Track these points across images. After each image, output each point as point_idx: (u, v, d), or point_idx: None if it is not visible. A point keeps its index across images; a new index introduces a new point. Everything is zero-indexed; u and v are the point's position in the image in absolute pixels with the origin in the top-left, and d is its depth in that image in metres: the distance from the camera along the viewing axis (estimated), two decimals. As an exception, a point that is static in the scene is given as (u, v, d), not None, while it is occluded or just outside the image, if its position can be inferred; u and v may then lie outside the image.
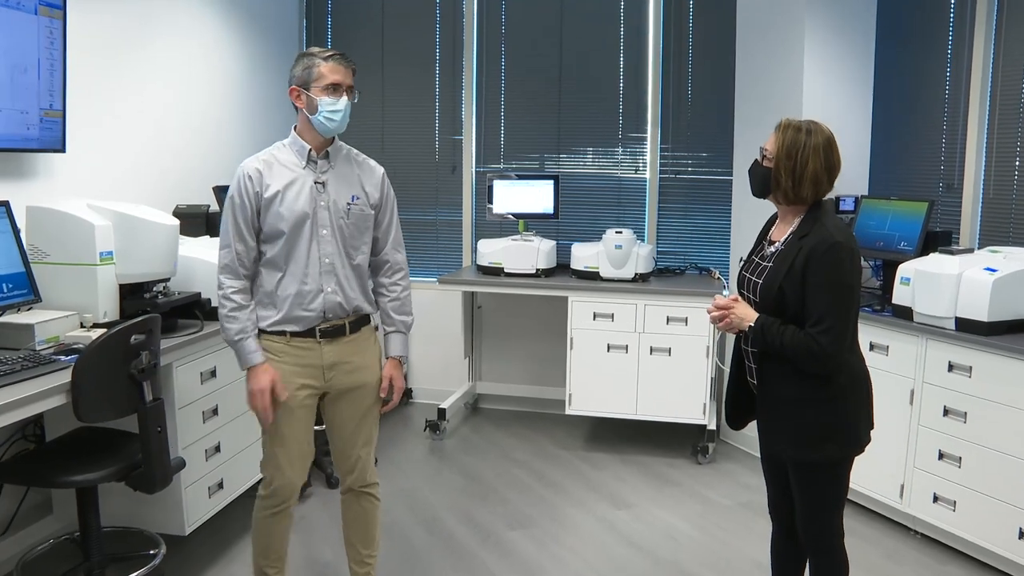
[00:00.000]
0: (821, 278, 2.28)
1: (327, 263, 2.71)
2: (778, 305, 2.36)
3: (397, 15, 5.68)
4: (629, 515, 4.01)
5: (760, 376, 2.47)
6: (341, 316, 2.76)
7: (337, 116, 2.68)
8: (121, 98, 3.99)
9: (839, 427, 2.39)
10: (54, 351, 2.82)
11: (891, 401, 3.69)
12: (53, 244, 3.11)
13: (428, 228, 5.78)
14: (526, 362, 5.65)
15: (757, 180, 2.47)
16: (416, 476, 4.47)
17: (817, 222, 2.36)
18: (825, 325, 2.27)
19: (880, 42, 4.55)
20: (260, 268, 2.71)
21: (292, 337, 2.71)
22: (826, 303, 2.28)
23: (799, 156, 2.35)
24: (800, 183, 2.36)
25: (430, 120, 5.71)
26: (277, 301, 2.70)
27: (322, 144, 2.75)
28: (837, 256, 2.28)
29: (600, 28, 5.39)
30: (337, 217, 2.73)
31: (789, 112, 2.49)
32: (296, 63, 2.71)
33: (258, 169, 2.67)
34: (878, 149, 4.61)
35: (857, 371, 2.43)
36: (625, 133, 5.43)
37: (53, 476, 2.72)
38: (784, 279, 2.34)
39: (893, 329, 3.72)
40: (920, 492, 3.64)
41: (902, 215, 4.01)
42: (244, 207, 2.65)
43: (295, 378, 2.72)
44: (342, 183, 2.76)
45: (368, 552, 2.98)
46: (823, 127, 2.41)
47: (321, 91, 2.66)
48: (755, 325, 2.38)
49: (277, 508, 2.80)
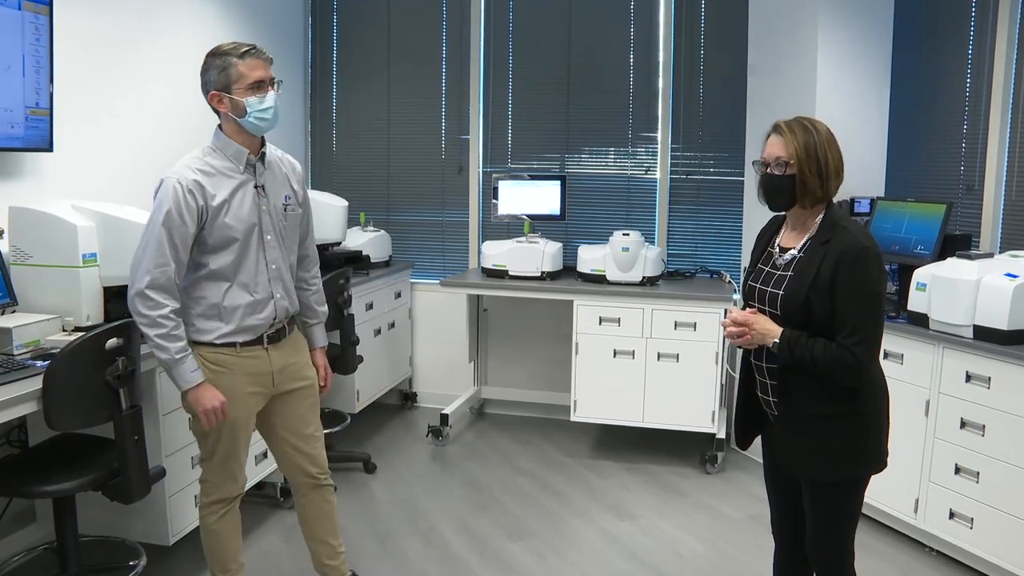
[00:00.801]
0: (853, 286, 2.17)
1: (274, 269, 2.68)
2: (803, 316, 2.24)
3: (403, 13, 5.57)
4: (633, 527, 3.87)
5: (781, 393, 2.33)
6: (282, 319, 2.75)
7: (268, 114, 2.58)
8: (119, 96, 3.91)
9: (868, 443, 2.29)
10: (31, 356, 2.74)
11: (906, 412, 3.53)
12: (35, 245, 3.03)
13: (434, 229, 5.68)
14: (533, 366, 5.53)
15: (779, 192, 2.29)
16: (416, 484, 4.36)
17: (838, 226, 2.25)
18: (860, 336, 2.16)
19: (898, 39, 4.38)
20: (201, 280, 2.60)
21: (242, 347, 2.66)
22: (860, 311, 2.18)
23: (818, 153, 2.23)
24: (828, 180, 2.25)
25: (436, 119, 5.60)
26: (224, 313, 2.61)
27: (256, 146, 2.65)
28: (867, 262, 2.18)
29: (610, 26, 5.26)
30: (277, 220, 2.68)
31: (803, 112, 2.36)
32: (208, 67, 2.58)
33: (197, 181, 2.52)
34: (895, 149, 4.44)
35: (880, 382, 2.33)
36: (635, 133, 5.29)
37: (25, 485, 2.63)
38: (810, 288, 2.21)
39: (908, 337, 3.56)
40: (935, 508, 3.48)
41: (919, 217, 3.85)
42: (183, 223, 2.49)
43: (246, 387, 2.69)
44: (276, 184, 2.71)
45: (338, 542, 3.01)
46: (818, 119, 2.31)
47: (245, 91, 2.55)
48: (781, 340, 2.23)
49: (224, 509, 2.78)
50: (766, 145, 2.33)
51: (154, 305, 2.48)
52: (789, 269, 2.30)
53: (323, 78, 5.73)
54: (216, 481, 2.75)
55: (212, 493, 2.76)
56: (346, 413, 4.75)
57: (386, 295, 5.23)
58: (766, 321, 2.29)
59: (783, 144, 2.26)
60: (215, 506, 2.76)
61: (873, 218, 4.09)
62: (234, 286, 2.60)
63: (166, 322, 2.49)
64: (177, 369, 2.52)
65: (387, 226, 5.54)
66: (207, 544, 2.81)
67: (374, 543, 3.68)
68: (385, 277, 5.22)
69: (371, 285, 5.00)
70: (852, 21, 4.25)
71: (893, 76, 4.41)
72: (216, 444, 2.69)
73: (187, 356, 2.53)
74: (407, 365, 5.62)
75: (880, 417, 2.32)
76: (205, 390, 2.56)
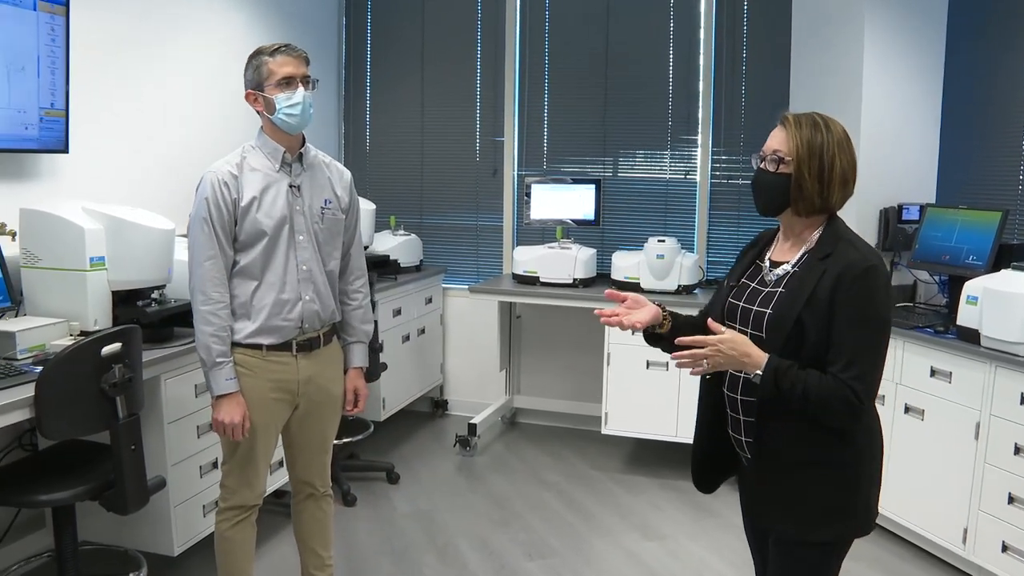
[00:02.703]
0: (855, 308, 1.84)
1: (304, 270, 2.62)
2: (791, 341, 1.89)
3: (438, 13, 5.47)
4: (660, 548, 3.69)
5: (759, 434, 1.97)
6: (316, 327, 2.67)
7: (297, 110, 2.56)
8: (138, 97, 3.86)
9: (857, 499, 1.94)
10: (33, 361, 2.68)
11: (954, 435, 3.30)
12: (44, 248, 2.98)
13: (468, 233, 5.56)
14: (565, 376, 5.37)
15: (770, 192, 1.98)
16: (438, 496, 4.24)
17: (841, 240, 1.93)
18: (858, 369, 1.82)
19: (951, 36, 4.13)
20: (232, 278, 2.58)
21: (268, 351, 2.59)
22: (861, 342, 1.84)
23: (824, 154, 1.91)
24: (829, 187, 1.91)
25: (471, 120, 5.49)
26: (252, 312, 2.57)
27: (294, 145, 2.64)
28: (874, 283, 1.86)
29: (649, 25, 5.08)
30: (312, 222, 2.64)
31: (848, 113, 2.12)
32: (246, 67, 2.60)
33: (232, 173, 2.54)
34: (947, 153, 4.18)
35: (875, 428, 1.99)
36: (674, 135, 5.10)
37: (24, 494, 2.57)
38: (804, 309, 1.88)
39: (957, 354, 3.32)
40: (986, 539, 3.23)
41: (972, 226, 3.60)
42: (222, 215, 2.51)
43: (268, 393, 2.62)
44: (315, 187, 2.67)
45: (328, 555, 2.94)
46: (834, 119, 1.99)
47: (274, 88, 2.55)
48: (766, 369, 1.85)
49: (240, 517, 2.70)
50: (768, 138, 2.03)
51: (205, 299, 2.50)
52: (780, 286, 1.97)
53: (357, 80, 5.66)
54: (233, 487, 2.69)
55: (228, 499, 2.70)
56: (369, 421, 4.65)
57: (416, 300, 5.12)
58: (745, 342, 1.90)
59: (784, 138, 1.95)
60: (229, 512, 2.70)
61: (922, 226, 3.85)
62: (262, 284, 2.57)
63: (214, 319, 2.50)
64: (215, 372, 2.51)
65: (420, 230, 5.45)
66: (218, 551, 2.74)
67: (388, 558, 3.57)
68: (415, 282, 5.12)
69: (400, 290, 4.90)
70: (901, 17, 4.02)
71: (945, 75, 4.16)
72: (235, 448, 2.63)
73: (228, 363, 2.53)
74: (438, 372, 5.51)
75: (873, 468, 1.98)
76: (231, 401, 2.53)
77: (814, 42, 4.33)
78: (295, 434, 2.77)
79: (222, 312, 2.52)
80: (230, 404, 2.53)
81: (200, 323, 2.51)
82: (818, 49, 4.30)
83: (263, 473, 2.71)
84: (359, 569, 3.47)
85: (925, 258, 3.82)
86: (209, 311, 2.50)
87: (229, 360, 2.53)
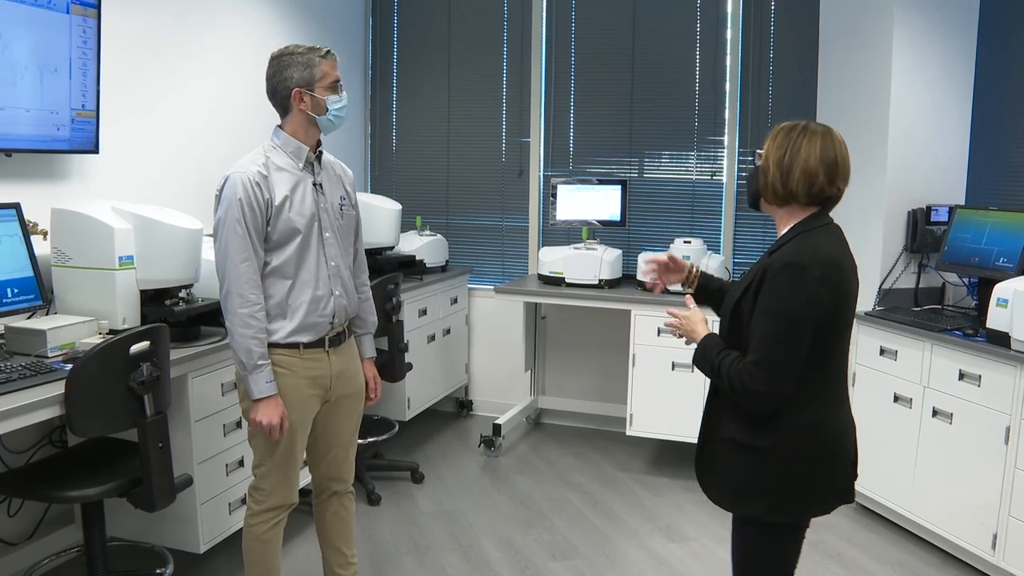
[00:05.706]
0: (764, 300, 1.99)
1: (333, 266, 2.67)
2: (733, 325, 2.09)
3: (464, 13, 5.49)
4: (684, 551, 3.68)
5: (705, 410, 2.19)
6: (342, 321, 2.72)
7: (343, 112, 2.66)
8: (167, 98, 3.91)
9: (763, 484, 2.03)
10: (63, 359, 2.72)
11: (983, 439, 3.25)
12: (75, 247, 3.02)
13: (494, 233, 5.57)
14: (591, 377, 5.36)
15: (747, 183, 2.22)
16: (462, 497, 4.24)
17: (797, 236, 2.04)
18: (758, 355, 1.96)
19: (983, 37, 4.06)
20: (265, 279, 2.58)
21: (305, 349, 2.63)
22: (764, 331, 1.98)
23: (790, 146, 2.06)
24: (788, 174, 2.04)
25: (497, 121, 5.49)
26: (288, 311, 2.60)
27: (315, 145, 2.67)
28: (788, 280, 1.96)
29: (675, 26, 5.06)
30: (334, 218, 2.68)
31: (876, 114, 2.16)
32: (287, 64, 2.58)
33: (261, 173, 2.55)
34: (977, 154, 4.11)
35: (806, 421, 2.03)
36: (701, 136, 5.08)
37: (53, 490, 2.61)
38: (742, 297, 2.06)
39: (987, 357, 3.27)
40: (1017, 545, 3.18)
41: (1002, 228, 3.55)
42: (255, 215, 2.52)
43: (306, 390, 2.65)
44: (332, 185, 2.72)
45: (352, 552, 2.96)
46: (829, 127, 2.12)
47: (326, 90, 2.59)
48: (699, 343, 2.13)
49: (278, 518, 2.71)
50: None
51: (244, 302, 2.50)
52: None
53: (383, 80, 5.69)
54: (270, 488, 2.67)
55: (264, 500, 2.68)
56: (394, 421, 4.67)
57: (441, 301, 5.14)
58: (697, 322, 2.18)
59: (768, 139, 2.14)
60: (267, 514, 2.68)
61: (951, 228, 3.80)
62: (297, 283, 2.60)
63: (253, 322, 2.51)
64: (255, 375, 2.51)
65: (446, 230, 5.46)
66: (253, 553, 2.71)
67: (412, 557, 3.58)
68: (441, 283, 5.13)
69: (426, 291, 4.92)
70: (932, 16, 3.96)
71: (977, 74, 4.09)
72: (274, 449, 2.63)
73: (268, 365, 2.53)
74: (463, 372, 5.52)
75: (803, 464, 2.03)
76: (271, 404, 2.54)
77: (842, 42, 4.29)
78: (324, 430, 2.78)
79: (260, 314, 2.53)
80: (269, 406, 2.54)
81: (239, 326, 2.50)
82: (846, 49, 4.25)
83: (298, 473, 2.74)
84: (383, 568, 3.48)
85: (954, 260, 3.76)
86: (247, 313, 2.50)
87: (268, 362, 2.54)
